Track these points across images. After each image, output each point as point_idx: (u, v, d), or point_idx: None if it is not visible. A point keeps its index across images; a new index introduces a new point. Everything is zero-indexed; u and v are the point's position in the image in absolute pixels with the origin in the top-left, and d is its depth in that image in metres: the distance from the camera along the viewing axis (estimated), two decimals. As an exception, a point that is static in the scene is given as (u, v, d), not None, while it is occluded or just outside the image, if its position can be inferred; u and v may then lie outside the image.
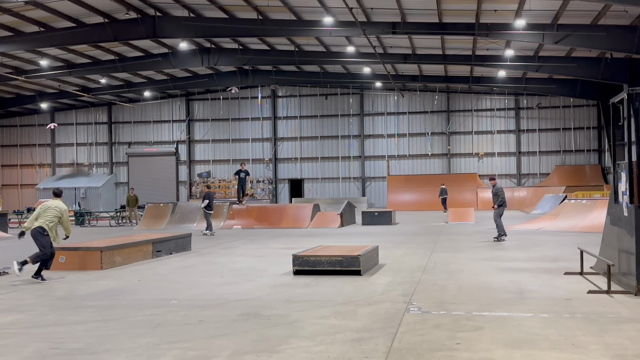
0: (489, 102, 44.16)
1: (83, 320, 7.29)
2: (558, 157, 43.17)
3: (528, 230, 20.91)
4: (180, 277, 11.00)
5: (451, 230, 21.46)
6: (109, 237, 17.36)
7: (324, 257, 10.70)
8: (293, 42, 33.17)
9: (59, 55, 33.87)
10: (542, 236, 18.15)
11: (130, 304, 8.34)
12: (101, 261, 12.01)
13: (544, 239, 17.25)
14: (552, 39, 26.57)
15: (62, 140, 49.25)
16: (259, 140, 46.57)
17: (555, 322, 6.75)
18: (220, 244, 17.72)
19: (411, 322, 6.84)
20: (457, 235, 19.17)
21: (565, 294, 8.45)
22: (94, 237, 20.29)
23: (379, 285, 9.48)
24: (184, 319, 7.19)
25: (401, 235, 20.01)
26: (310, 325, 6.77)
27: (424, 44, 31.74)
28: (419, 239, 18.17)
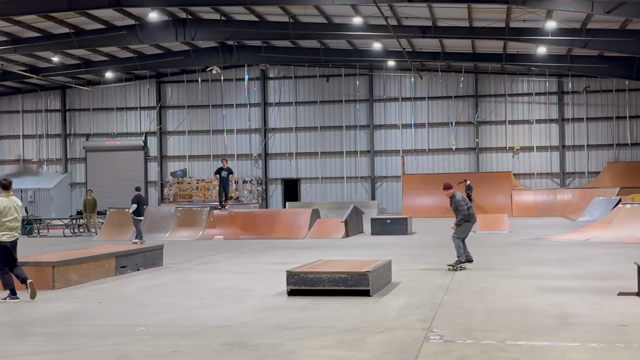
0: (526, 85, 44.20)
1: (31, 350, 7.28)
2: (611, 152, 43.18)
3: (574, 241, 20.88)
4: (150, 298, 10.98)
5: (480, 242, 21.42)
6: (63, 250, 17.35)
7: (325, 274, 10.69)
8: (287, 11, 33.17)
9: (2, 28, 33.86)
10: (591, 248, 18.12)
11: (89, 330, 8.32)
12: (53, 279, 11.98)
13: (594, 251, 17.22)
14: (604, 8, 26.57)
15: (5, 131, 49.32)
16: (245, 132, 46.63)
17: (607, 353, 6.74)
18: (199, 257, 17.70)
19: (431, 353, 6.83)
20: (488, 248, 19.14)
21: (619, 318, 8.43)
22: (44, 249, 20.27)
23: (392, 309, 9.47)
24: (155, 350, 7.19)
25: (419, 247, 19.99)
26: (307, 358, 6.77)
27: (447, 14, 31.75)
28: (440, 251, 18.15)
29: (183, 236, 25.01)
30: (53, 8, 29.49)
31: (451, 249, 19.01)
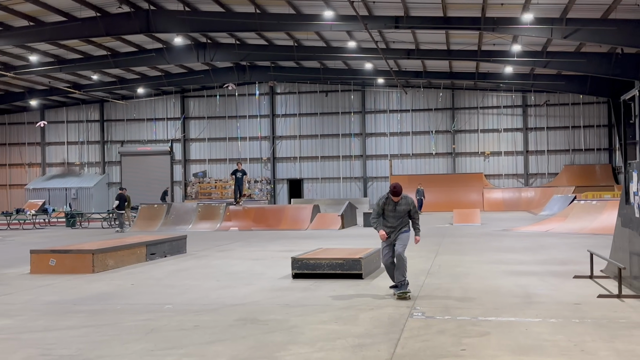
0: (495, 99, 44.18)
1: (74, 325, 7.29)
2: (567, 156, 43.17)
3: (536, 232, 20.90)
4: (175, 280, 10.99)
5: (456, 232, 21.45)
6: (101, 240, 17.36)
7: (324, 260, 10.70)
8: (292, 37, 33.19)
9: (49, 50, 33.87)
10: (550, 238, 18.13)
11: (124, 308, 8.34)
12: (93, 264, 12.00)
13: (553, 241, 17.23)
14: (561, 34, 26.56)
15: (53, 138, 49.26)
16: (256, 139, 46.57)
17: (564, 327, 6.75)
18: (217, 246, 17.72)
19: (415, 327, 6.84)
20: (463, 238, 19.16)
21: (574, 298, 8.44)
22: (85, 239, 20.29)
23: (381, 290, 9.47)
24: (179, 324, 7.19)
25: (404, 237, 19.97)
26: (309, 331, 6.77)
27: (428, 38, 31.74)
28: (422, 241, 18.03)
29: (203, 228, 25.03)
30: (93, 34, 29.47)
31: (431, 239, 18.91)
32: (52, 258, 12.15)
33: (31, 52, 33.38)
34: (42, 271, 12.02)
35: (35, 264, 12.23)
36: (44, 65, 35.46)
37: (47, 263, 12.08)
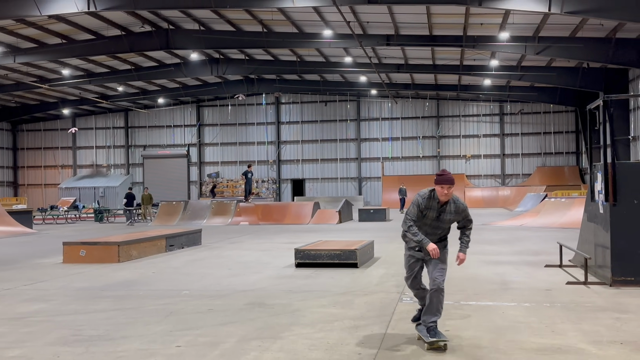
0: (475, 109, 44.17)
1: (102, 309, 7.30)
2: (539, 159, 43.16)
3: (511, 226, 20.90)
4: (191, 269, 10.99)
5: (441, 226, 21.44)
6: (125, 233, 17.35)
7: (324, 251, 10.69)
8: (295, 53, 33.19)
9: (80, 65, 33.87)
10: (524, 232, 18.13)
11: (146, 294, 8.34)
12: (118, 255, 12.01)
13: (526, 234, 17.23)
14: (534, 50, 26.58)
15: (83, 143, 49.27)
16: (263, 144, 46.58)
17: (536, 310, 6.75)
18: (228, 239, 17.72)
19: (404, 310, 6.84)
20: (446, 231, 19.13)
21: (545, 285, 8.44)
22: (111, 232, 20.29)
23: (374, 277, 9.46)
24: (195, 308, 7.19)
25: (395, 230, 19.98)
26: (310, 314, 6.77)
27: (416, 54, 31.75)
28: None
29: (217, 222, 25.03)
30: (118, 50, 29.48)
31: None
32: (82, 249, 12.16)
33: (64, 67, 33.39)
34: (73, 261, 12.03)
35: (67, 254, 12.24)
36: (75, 78, 35.46)
37: (78, 254, 12.09)
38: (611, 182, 8.17)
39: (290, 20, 26.58)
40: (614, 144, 8.16)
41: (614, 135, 7.04)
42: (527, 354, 4.99)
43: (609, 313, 6.55)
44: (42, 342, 5.64)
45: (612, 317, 6.32)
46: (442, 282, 5.49)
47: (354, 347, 5.29)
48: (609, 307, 6.85)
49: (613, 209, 8.16)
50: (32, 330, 6.18)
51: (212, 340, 5.59)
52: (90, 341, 5.64)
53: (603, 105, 8.65)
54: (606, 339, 5.44)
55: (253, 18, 26.64)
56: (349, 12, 24.49)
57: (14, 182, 49.86)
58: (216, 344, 5.48)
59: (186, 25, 28.74)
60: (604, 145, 8.52)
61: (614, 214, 8.15)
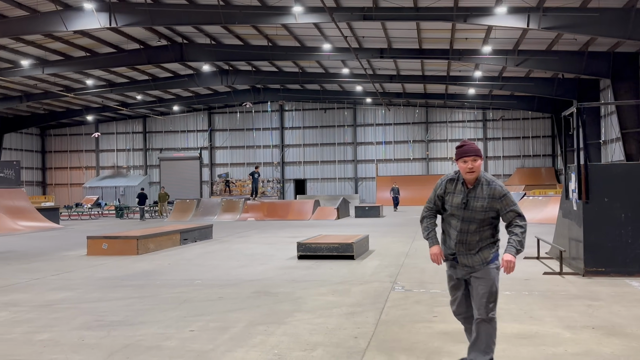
0: (461, 115, 44.17)
1: (122, 297, 7.29)
2: (518, 161, 43.17)
3: (493, 222, 20.82)
4: (203, 261, 10.98)
5: (429, 222, 21.38)
6: (143, 228, 17.34)
7: (323, 244, 10.68)
8: (297, 64, 33.19)
9: (102, 75, 33.88)
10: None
11: (162, 283, 8.32)
12: (137, 247, 11.99)
13: (507, 229, 17.16)
14: (514, 62, 26.60)
15: (105, 146, 49.28)
16: (268, 147, 46.58)
17: (516, 298, 6.74)
18: (237, 233, 17.70)
19: (396, 298, 6.83)
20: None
21: (524, 275, 8.43)
22: (131, 227, 20.28)
23: (369, 268, 9.45)
24: (206, 296, 7.19)
25: (387, 226, 20.00)
26: (311, 301, 6.76)
27: (407, 66, 31.76)
28: (402, 229, 18.14)
29: (226, 218, 25.03)
30: (137, 62, 29.49)
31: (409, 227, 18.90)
32: (105, 243, 12.15)
33: (87, 77, 33.41)
34: (96, 253, 12.03)
35: (90, 247, 12.23)
36: (97, 88, 35.47)
37: (101, 247, 12.09)
38: (584, 182, 8.17)
39: (293, 35, 26.59)
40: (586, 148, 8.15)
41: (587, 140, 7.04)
42: (508, 338, 4.98)
43: (582, 300, 6.54)
44: (68, 327, 5.64)
45: (584, 304, 6.32)
46: (490, 309, 3.82)
47: (351, 331, 5.28)
48: (582, 295, 6.85)
49: (585, 206, 8.16)
50: (59, 316, 6.18)
51: (222, 325, 5.59)
52: (111, 326, 5.63)
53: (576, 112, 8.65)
54: (579, 324, 5.43)
55: (259, 33, 26.65)
56: (346, 28, 24.52)
57: (43, 182, 49.87)
58: (226, 328, 5.47)
59: (199, 40, 28.74)
60: (577, 149, 8.52)
61: (586, 211, 8.15)
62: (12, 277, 9.19)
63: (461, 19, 20.88)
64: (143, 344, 4.96)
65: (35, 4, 22.15)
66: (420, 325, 5.50)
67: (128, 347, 4.85)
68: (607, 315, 5.81)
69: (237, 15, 22.09)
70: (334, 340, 4.96)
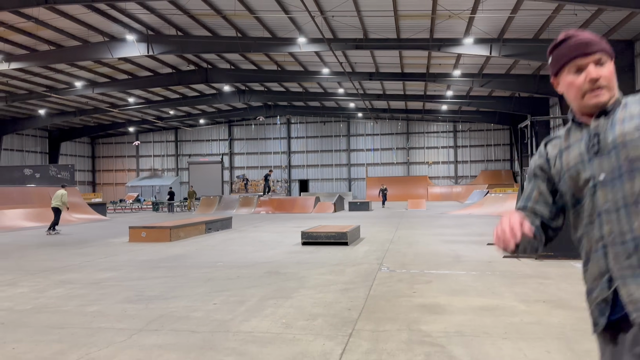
0: (435, 127, 44.15)
1: (158, 276, 7.28)
2: (483, 164, 43.16)
3: (462, 215, 20.87)
4: (224, 246, 10.97)
5: (410, 215, 21.44)
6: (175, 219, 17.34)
7: (323, 233, 10.67)
8: (302, 85, 33.18)
9: (141, 95, 33.87)
10: (472, 219, 18.10)
11: (191, 264, 8.31)
12: (170, 236, 11.99)
13: (473, 220, 17.20)
14: (479, 84, 26.60)
15: (144, 153, 49.24)
16: (278, 153, 46.55)
17: (481, 277, 6.73)
18: (252, 224, 17.70)
19: (382, 277, 6.82)
20: (414, 218, 19.13)
21: (487, 258, 8.42)
22: (165, 219, 20.27)
23: (360, 253, 9.44)
24: (227, 275, 7.18)
25: (375, 218, 20.01)
26: (313, 280, 6.75)
27: (391, 87, 31.77)
28: (388, 220, 18.14)
29: (243, 212, 25.03)
30: (170, 84, 29.48)
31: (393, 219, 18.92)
32: (143, 231, 12.14)
33: (129, 96, 33.39)
34: (136, 240, 12.02)
35: (132, 235, 12.23)
36: (137, 104, 35.44)
37: (140, 235, 12.08)
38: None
39: (298, 61, 26.59)
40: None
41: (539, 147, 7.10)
42: (474, 310, 4.98)
43: (535, 279, 6.54)
44: (113, 301, 5.64)
45: (537, 282, 6.31)
46: None
47: (346, 304, 5.28)
48: (535, 275, 6.84)
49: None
50: (106, 292, 6.18)
51: (240, 299, 5.59)
52: (149, 300, 5.63)
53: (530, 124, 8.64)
54: (533, 299, 5.43)
55: (270, 59, 26.65)
56: (342, 55, 24.52)
57: (93, 182, 49.86)
58: (243, 302, 5.47)
59: (220, 65, 28.74)
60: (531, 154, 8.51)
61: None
62: (67, 259, 9.19)
63: (436, 48, 20.88)
64: (175, 314, 4.96)
65: (87, 36, 22.15)
66: (402, 299, 5.49)
67: (162, 317, 4.85)
68: (555, 291, 5.80)
69: (252, 45, 22.10)
70: (331, 312, 4.96)
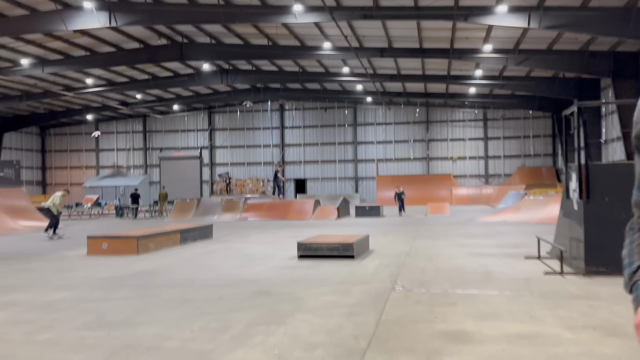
0: (461, 114, 44.14)
1: (122, 297, 7.28)
2: (519, 160, 43.14)
3: (494, 221, 20.86)
4: (203, 260, 10.97)
5: (430, 222, 21.43)
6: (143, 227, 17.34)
7: (324, 244, 10.66)
8: (298, 64, 33.18)
9: (102, 75, 33.88)
10: (505, 227, 18.10)
11: (162, 283, 8.32)
12: (137, 247, 11.98)
13: (508, 229, 17.19)
14: (514, 62, 26.58)
15: (105, 146, 49.29)
16: (269, 147, 46.55)
17: (517, 298, 6.74)
18: (237, 233, 17.69)
19: (396, 298, 6.82)
20: (435, 226, 19.12)
21: (525, 275, 8.42)
22: (131, 227, 20.27)
23: (369, 268, 9.43)
24: (207, 296, 7.18)
25: (388, 225, 19.99)
26: (312, 301, 6.75)
27: (408, 65, 31.75)
28: (403, 229, 18.14)
29: (226, 218, 25.01)
30: (137, 61, 29.50)
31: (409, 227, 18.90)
32: (105, 242, 12.15)
33: (87, 76, 33.41)
34: (96, 253, 12.03)
35: (90, 247, 12.23)
36: (97, 87, 35.47)
37: (101, 246, 12.08)
38: (584, 181, 8.16)
39: (294, 34, 26.57)
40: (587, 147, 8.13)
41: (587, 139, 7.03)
42: (509, 338, 4.98)
43: (582, 300, 6.54)
44: (68, 327, 5.64)
45: (585, 305, 6.31)
46: None
47: (351, 331, 5.28)
48: (583, 295, 6.84)
49: (586, 205, 8.15)
50: (59, 316, 6.18)
51: (222, 326, 5.59)
52: (111, 326, 5.63)
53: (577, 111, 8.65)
54: (580, 324, 5.43)
55: (259, 32, 26.64)
56: (347, 27, 24.50)
57: (43, 182, 49.90)
58: (226, 328, 5.47)
59: (199, 39, 28.73)
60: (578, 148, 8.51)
61: (587, 210, 8.14)
62: (12, 276, 9.19)
63: (462, 18, 20.86)
64: (143, 344, 4.96)
65: (35, 3, 22.14)
66: (420, 325, 5.49)
67: (128, 348, 4.85)
68: (607, 315, 5.80)
69: (238, 14, 22.09)
70: (334, 341, 4.96)
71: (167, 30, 27.20)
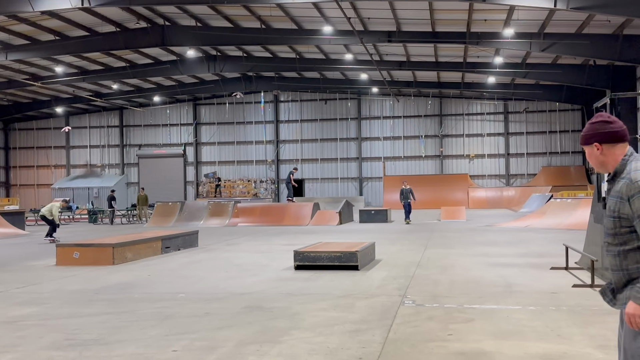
0: (479, 107, 44.17)
1: (96, 312, 7.28)
2: (544, 159, 43.17)
3: (516, 227, 20.88)
4: (188, 272, 10.97)
5: (443, 228, 21.44)
6: (120, 234, 17.34)
7: (324, 253, 10.66)
8: (294, 50, 33.19)
9: (73, 62, 33.89)
10: (529, 233, 18.11)
11: (141, 297, 8.32)
12: (113, 257, 11.98)
13: (531, 235, 17.20)
14: (539, 47, 26.59)
15: (76, 142, 49.29)
16: (262, 143, 46.56)
17: (541, 314, 6.74)
18: (226, 240, 17.70)
19: (406, 314, 6.82)
20: (449, 233, 19.13)
21: (551, 287, 8.42)
22: (106, 234, 20.27)
23: (375, 280, 9.44)
24: (191, 312, 7.18)
25: (396, 232, 19.98)
26: (310, 317, 6.74)
27: (418, 51, 31.76)
28: (413, 235, 18.14)
29: (214, 224, 25.00)
30: (113, 47, 29.51)
31: (420, 234, 18.87)
32: (76, 251, 12.15)
33: (57, 64, 33.41)
34: (66, 263, 12.03)
35: (60, 256, 12.23)
36: (68, 76, 35.48)
37: (72, 256, 12.08)
38: (618, 182, 8.15)
39: (289, 16, 26.59)
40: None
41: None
42: (533, 359, 4.98)
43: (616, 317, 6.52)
44: (35, 347, 5.63)
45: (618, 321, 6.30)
46: None
47: (355, 351, 5.28)
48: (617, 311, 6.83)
49: (620, 209, 8.14)
50: (25, 334, 6.17)
51: (209, 345, 5.59)
52: (84, 345, 5.63)
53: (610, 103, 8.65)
54: (613, 344, 5.42)
55: (251, 14, 26.65)
56: (350, 8, 24.51)
57: (6, 183, 49.87)
58: (213, 348, 5.47)
59: (182, 22, 28.75)
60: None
61: (621, 215, 8.12)
62: (-29, 290, 9.18)
63: (480, -3, 20.86)
64: (119, 365, 4.96)
65: (-2, -19, 22.16)
66: (433, 344, 5.49)
67: (103, 370, 4.85)
68: (644, 333, 5.80)
69: (226, -7, 22.10)
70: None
71: (147, 11, 27.21)
